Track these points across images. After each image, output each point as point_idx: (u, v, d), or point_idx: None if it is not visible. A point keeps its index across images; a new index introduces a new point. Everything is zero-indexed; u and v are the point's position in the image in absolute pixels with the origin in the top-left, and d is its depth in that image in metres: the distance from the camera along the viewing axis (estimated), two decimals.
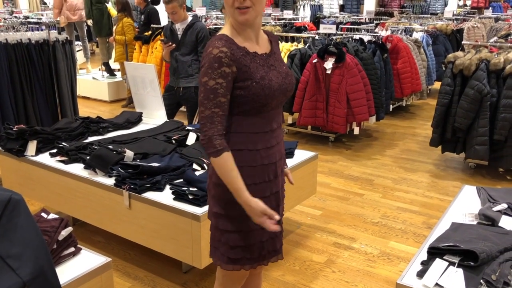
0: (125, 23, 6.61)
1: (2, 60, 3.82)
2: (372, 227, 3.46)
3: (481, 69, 4.16)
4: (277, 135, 1.77)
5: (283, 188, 1.88)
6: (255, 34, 1.70)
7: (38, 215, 1.96)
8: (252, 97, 1.60)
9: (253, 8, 1.58)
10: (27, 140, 3.15)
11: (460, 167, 4.68)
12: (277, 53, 1.78)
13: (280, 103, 1.75)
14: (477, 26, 8.44)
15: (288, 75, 1.75)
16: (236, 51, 1.59)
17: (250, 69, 1.60)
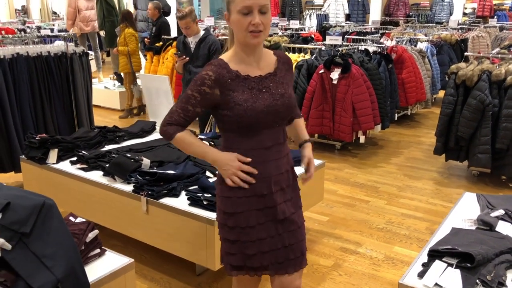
0: (127, 34, 6.71)
1: (23, 72, 4.01)
2: (377, 233, 3.59)
3: (483, 80, 4.30)
4: (275, 151, 1.83)
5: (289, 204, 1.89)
6: (256, 56, 1.80)
7: (67, 219, 2.12)
8: (236, 118, 1.74)
9: (263, 32, 1.72)
10: (48, 148, 3.32)
11: (463, 175, 4.80)
12: (281, 75, 1.84)
13: (273, 123, 1.80)
14: (481, 35, 8.57)
15: (283, 96, 1.80)
16: (224, 75, 1.74)
17: (234, 93, 1.74)
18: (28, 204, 1.83)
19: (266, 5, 1.70)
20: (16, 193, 1.90)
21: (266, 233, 1.83)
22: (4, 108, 3.90)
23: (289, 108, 1.83)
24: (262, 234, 1.83)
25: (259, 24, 1.69)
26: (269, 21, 1.72)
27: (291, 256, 1.88)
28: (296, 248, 1.89)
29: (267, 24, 1.72)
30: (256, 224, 1.82)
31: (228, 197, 1.83)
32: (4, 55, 3.90)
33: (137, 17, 7.69)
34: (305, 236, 1.97)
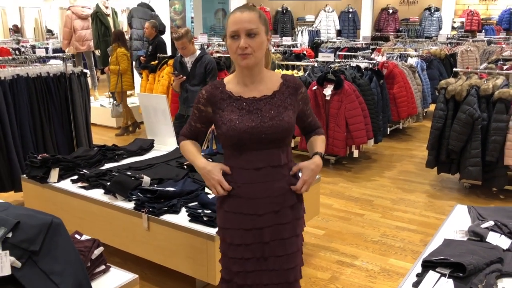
0: (119, 53, 6.79)
1: (23, 93, 4.09)
2: (372, 246, 3.67)
3: (471, 95, 4.43)
4: (266, 173, 1.85)
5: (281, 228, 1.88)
6: (253, 78, 1.86)
7: (72, 237, 2.18)
8: (223, 135, 1.86)
9: (253, 54, 1.78)
10: (50, 167, 3.38)
11: (455, 187, 4.90)
12: (280, 98, 1.87)
13: (262, 144, 1.83)
14: (470, 49, 8.77)
15: (273, 119, 1.82)
16: (217, 95, 1.87)
17: (223, 112, 1.85)
18: (37, 223, 1.89)
19: (253, 29, 1.75)
20: (24, 212, 1.97)
21: (251, 253, 1.88)
22: (4, 128, 3.96)
23: (278, 131, 1.82)
24: (248, 254, 1.87)
25: (245, 47, 1.75)
26: (258, 44, 1.77)
27: (275, 281, 1.90)
28: (281, 275, 1.90)
29: (256, 47, 1.77)
30: (242, 243, 1.87)
31: (219, 208, 1.95)
32: (5, 76, 3.97)
33: (132, 36, 7.80)
34: (298, 263, 1.95)
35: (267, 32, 1.84)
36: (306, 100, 1.98)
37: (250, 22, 1.76)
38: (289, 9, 13.98)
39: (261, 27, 1.79)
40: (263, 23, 1.80)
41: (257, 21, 1.77)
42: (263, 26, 1.80)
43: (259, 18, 1.79)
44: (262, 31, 1.80)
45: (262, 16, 1.82)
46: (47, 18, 15.18)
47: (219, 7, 15.30)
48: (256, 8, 1.85)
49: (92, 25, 8.10)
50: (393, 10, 14.76)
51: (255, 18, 1.78)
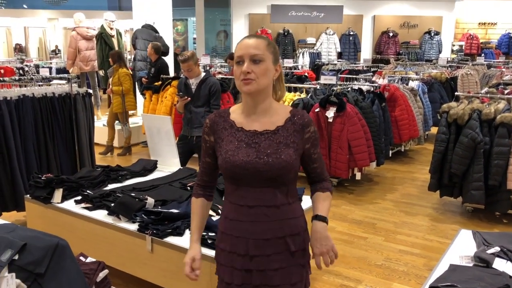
0: (121, 74, 6.80)
1: (28, 113, 4.12)
2: (376, 269, 3.64)
3: (473, 119, 4.46)
4: (259, 213, 1.75)
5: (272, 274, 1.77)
6: (258, 109, 1.77)
7: (78, 259, 2.18)
8: (220, 167, 1.82)
9: (256, 81, 1.71)
10: (53, 188, 3.38)
11: (458, 211, 4.89)
12: (284, 134, 1.76)
13: (256, 182, 1.74)
14: (470, 73, 8.85)
15: (270, 156, 1.72)
16: (220, 123, 1.82)
17: (223, 142, 1.79)
18: (43, 245, 1.89)
19: (258, 55, 1.71)
20: (31, 234, 1.97)
21: None
22: (9, 148, 3.98)
23: (274, 169, 1.72)
24: None
25: (247, 72, 1.70)
26: (262, 70, 1.71)
27: None
28: None
29: (260, 73, 1.71)
30: (232, 283, 1.80)
31: (216, 244, 1.92)
32: (11, 96, 4.01)
33: (136, 57, 7.89)
34: None
35: (275, 62, 1.77)
36: (314, 142, 1.83)
37: (256, 48, 1.72)
38: (291, 31, 14.15)
39: (267, 54, 1.73)
40: (271, 52, 1.75)
41: (263, 48, 1.73)
42: (270, 55, 1.74)
43: (267, 46, 1.74)
44: (269, 59, 1.74)
45: (272, 46, 1.77)
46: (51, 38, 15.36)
47: (221, 28, 15.51)
48: (266, 37, 1.81)
49: (97, 46, 8.19)
50: (393, 33, 14.94)
51: (262, 45, 1.73)
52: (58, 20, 15.19)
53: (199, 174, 1.96)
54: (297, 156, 1.78)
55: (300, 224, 1.83)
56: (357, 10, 14.94)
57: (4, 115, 3.95)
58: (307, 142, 1.81)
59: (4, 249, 1.81)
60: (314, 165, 1.87)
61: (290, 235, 1.78)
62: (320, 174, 1.91)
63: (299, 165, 1.82)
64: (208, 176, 1.93)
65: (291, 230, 1.79)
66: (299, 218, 1.84)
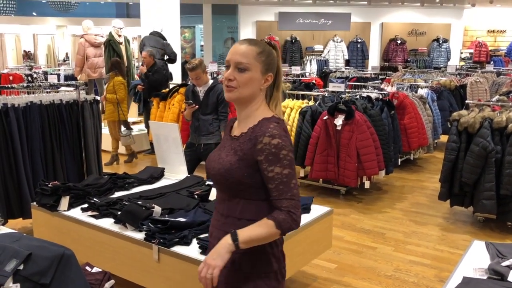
0: (116, 82, 6.74)
1: (35, 119, 4.11)
2: (386, 280, 3.58)
3: (485, 127, 4.39)
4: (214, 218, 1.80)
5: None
6: (242, 115, 1.75)
7: (83, 268, 2.14)
8: None
9: (237, 89, 1.66)
10: (60, 195, 3.36)
11: (469, 221, 4.81)
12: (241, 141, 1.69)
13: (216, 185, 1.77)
14: (479, 80, 8.77)
15: (217, 161, 1.71)
16: (227, 129, 1.87)
17: None
18: (48, 255, 1.86)
19: (243, 63, 1.65)
20: (36, 244, 1.94)
21: None
22: (16, 155, 3.97)
23: (215, 173, 1.70)
24: None
25: (228, 78, 1.67)
26: (245, 80, 1.65)
27: None
28: None
29: (242, 82, 1.65)
30: None
31: None
32: (19, 103, 4.00)
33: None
34: None
35: (265, 72, 1.68)
36: (269, 157, 1.60)
37: (242, 56, 1.65)
38: (298, 38, 14.14)
39: (255, 64, 1.66)
40: (262, 61, 1.67)
41: (251, 56, 1.65)
42: (259, 64, 1.66)
43: (257, 55, 1.66)
44: (256, 69, 1.66)
45: (264, 54, 1.68)
46: (60, 45, 15.46)
47: (228, 35, 15.55)
48: (261, 45, 1.70)
49: (105, 53, 8.22)
50: (401, 41, 14.89)
51: (251, 53, 1.66)
52: (67, 28, 15.29)
53: None
54: (240, 165, 1.64)
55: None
56: (365, 17, 14.92)
57: (12, 122, 3.94)
58: (259, 154, 1.62)
59: (9, 259, 1.78)
60: (269, 185, 1.63)
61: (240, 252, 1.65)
62: (276, 200, 1.62)
63: (247, 177, 1.65)
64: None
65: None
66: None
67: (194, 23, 16.29)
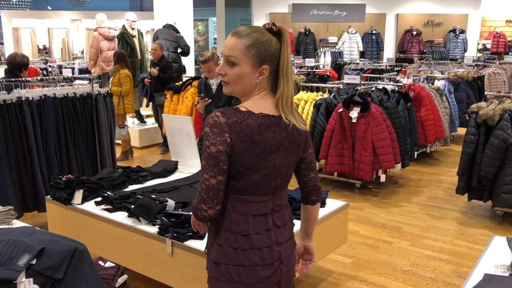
0: (122, 75, 6.70)
1: (49, 113, 4.11)
2: (402, 276, 3.52)
3: (505, 119, 4.28)
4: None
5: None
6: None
7: (96, 263, 2.13)
8: None
9: (230, 84, 1.61)
10: (74, 189, 3.36)
11: (487, 215, 4.71)
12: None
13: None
14: (497, 72, 8.59)
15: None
16: None
17: None
18: (61, 250, 1.84)
19: (231, 58, 1.57)
20: (49, 238, 1.92)
21: None
22: (30, 149, 3.98)
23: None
24: None
25: (220, 73, 1.62)
26: (234, 75, 1.57)
27: None
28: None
29: (232, 78, 1.58)
30: None
31: None
32: (33, 97, 4.01)
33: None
34: None
35: (256, 66, 1.57)
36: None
37: (231, 50, 1.57)
38: (312, 30, 14.01)
39: (243, 58, 1.56)
40: (252, 54, 1.55)
41: (239, 50, 1.56)
42: (248, 58, 1.56)
43: (246, 48, 1.55)
44: (246, 63, 1.56)
45: (255, 47, 1.56)
46: (74, 39, 15.54)
47: None
48: (253, 35, 1.57)
49: (118, 46, 8.21)
50: (417, 32, 14.67)
51: (240, 47, 1.56)
52: (81, 21, 15.36)
53: None
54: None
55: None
56: (380, 8, 14.70)
57: (26, 116, 3.95)
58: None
59: (22, 254, 1.77)
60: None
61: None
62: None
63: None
64: None
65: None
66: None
67: (207, 16, 16.25)
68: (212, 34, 16.77)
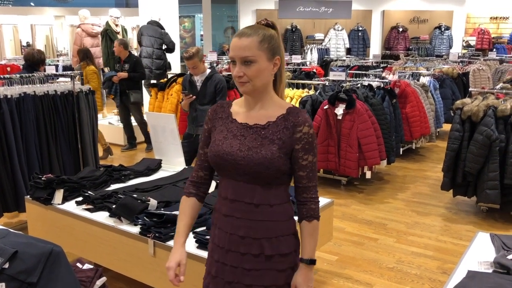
0: (88, 71, 6.55)
1: (30, 111, 4.02)
2: (388, 273, 3.51)
3: (488, 115, 4.29)
4: (238, 209, 1.70)
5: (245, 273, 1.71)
6: (255, 104, 1.73)
7: (74, 265, 2.07)
8: (208, 155, 1.78)
9: (250, 82, 1.65)
10: (54, 189, 3.28)
11: (472, 211, 4.74)
12: (273, 130, 1.69)
13: (235, 175, 1.69)
14: (482, 68, 8.65)
15: (251, 150, 1.66)
16: (219, 113, 1.80)
17: (216, 131, 1.77)
18: (36, 252, 1.79)
19: (248, 57, 1.63)
20: (23, 241, 1.86)
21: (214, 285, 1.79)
22: (10, 148, 3.89)
23: (251, 164, 1.65)
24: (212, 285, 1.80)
25: (239, 76, 1.65)
26: (254, 72, 1.64)
27: None
28: None
29: (252, 75, 1.64)
30: (210, 273, 1.80)
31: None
32: (12, 94, 3.91)
33: (142, 54, 7.78)
34: None
35: (271, 57, 1.67)
36: (306, 146, 1.67)
37: (246, 50, 1.63)
38: (298, 27, 13.97)
39: (259, 54, 1.64)
40: (265, 48, 1.65)
41: (254, 47, 1.63)
42: (263, 53, 1.64)
43: (259, 44, 1.64)
44: (262, 58, 1.64)
45: (266, 40, 1.65)
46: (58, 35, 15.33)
47: (228, 25, 15.38)
48: (259, 32, 1.67)
49: (102, 43, 8.11)
50: (403, 29, 14.72)
51: (253, 44, 1.63)
52: (65, 18, 15.15)
53: (195, 169, 1.87)
54: (281, 154, 1.67)
55: (281, 228, 1.72)
56: (366, 5, 14.72)
57: (5, 114, 3.86)
58: (297, 143, 1.68)
59: None
60: (301, 172, 1.70)
61: (267, 237, 1.70)
62: (306, 188, 1.72)
63: (284, 165, 1.68)
64: (204, 171, 1.85)
65: (267, 233, 1.70)
66: (281, 223, 1.72)
67: (193, 13, 16.12)
68: (198, 31, 16.65)
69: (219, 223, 1.76)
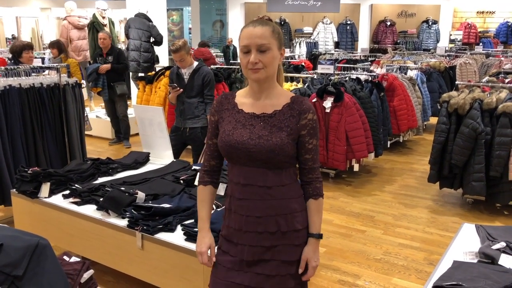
0: (71, 64, 6.39)
1: (15, 104, 3.97)
2: (375, 264, 3.54)
3: (475, 108, 4.34)
4: (252, 192, 1.79)
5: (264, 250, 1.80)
6: (261, 94, 1.81)
7: (61, 258, 2.06)
8: (218, 145, 1.86)
9: (264, 69, 1.74)
10: (40, 182, 3.25)
11: (458, 203, 4.79)
12: (280, 118, 1.78)
13: (248, 161, 1.77)
14: (469, 62, 8.73)
15: (262, 138, 1.75)
16: (224, 104, 1.88)
17: (223, 121, 1.85)
18: (21, 245, 1.77)
19: (265, 44, 1.72)
20: (9, 233, 1.84)
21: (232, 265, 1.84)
22: None
23: (263, 151, 1.74)
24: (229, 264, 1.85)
25: (255, 63, 1.73)
26: (269, 59, 1.74)
27: None
28: None
29: (267, 62, 1.74)
30: (228, 253, 1.85)
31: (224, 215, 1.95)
32: None
33: (130, 47, 7.71)
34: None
35: (280, 47, 1.79)
36: (311, 131, 1.80)
37: (261, 37, 1.73)
38: (287, 20, 13.96)
39: (273, 42, 1.75)
40: (276, 38, 1.76)
41: (269, 36, 1.74)
42: (275, 41, 1.76)
43: (272, 33, 1.76)
44: (274, 46, 1.76)
45: (276, 31, 1.77)
46: (44, 28, 15.13)
47: (216, 18, 15.29)
48: (270, 23, 1.79)
49: (89, 35, 8.02)
50: (391, 23, 14.79)
51: (267, 33, 1.74)
52: (51, 10, 14.95)
53: (206, 159, 1.96)
54: (290, 140, 1.78)
55: (293, 205, 1.83)
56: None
57: None
58: (303, 129, 1.80)
59: None
60: (307, 155, 1.84)
61: (281, 214, 1.80)
62: (312, 169, 1.86)
63: (292, 150, 1.80)
64: (215, 159, 1.94)
65: (282, 210, 1.81)
66: (294, 200, 1.83)
67: (182, 6, 16.00)
68: (187, 24, 16.54)
69: (234, 207, 1.84)
